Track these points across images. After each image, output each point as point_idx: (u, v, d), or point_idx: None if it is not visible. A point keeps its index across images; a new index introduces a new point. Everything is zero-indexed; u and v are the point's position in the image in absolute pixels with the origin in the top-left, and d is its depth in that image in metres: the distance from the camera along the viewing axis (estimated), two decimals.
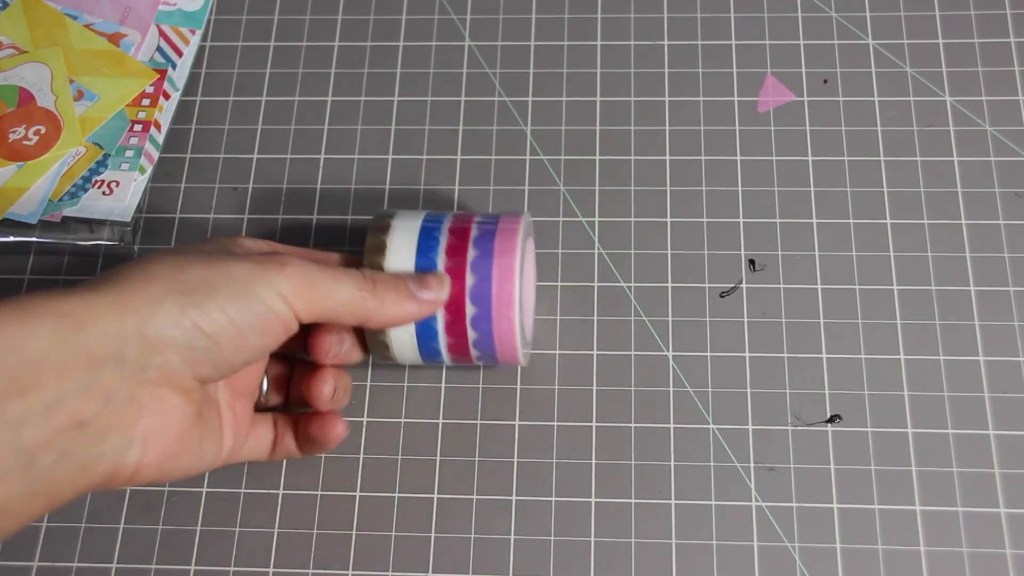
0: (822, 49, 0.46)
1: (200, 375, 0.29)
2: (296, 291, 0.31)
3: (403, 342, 0.36)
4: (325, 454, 0.39)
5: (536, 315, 0.41)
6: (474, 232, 0.36)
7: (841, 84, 0.45)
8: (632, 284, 0.42)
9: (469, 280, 0.35)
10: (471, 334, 0.35)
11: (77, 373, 0.26)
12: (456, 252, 0.35)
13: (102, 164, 0.43)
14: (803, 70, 0.45)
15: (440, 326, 0.35)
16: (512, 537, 0.38)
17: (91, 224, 0.42)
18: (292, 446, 0.37)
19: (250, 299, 0.29)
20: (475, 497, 0.38)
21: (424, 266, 0.35)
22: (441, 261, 0.35)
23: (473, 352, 0.36)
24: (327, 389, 0.35)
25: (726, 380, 0.40)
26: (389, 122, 0.45)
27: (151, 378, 0.28)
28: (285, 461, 0.39)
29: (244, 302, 0.29)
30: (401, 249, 0.35)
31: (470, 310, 0.35)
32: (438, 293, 0.34)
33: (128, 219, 0.42)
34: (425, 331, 0.35)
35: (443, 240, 0.35)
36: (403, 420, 0.40)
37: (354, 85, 0.46)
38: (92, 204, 0.42)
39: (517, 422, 0.40)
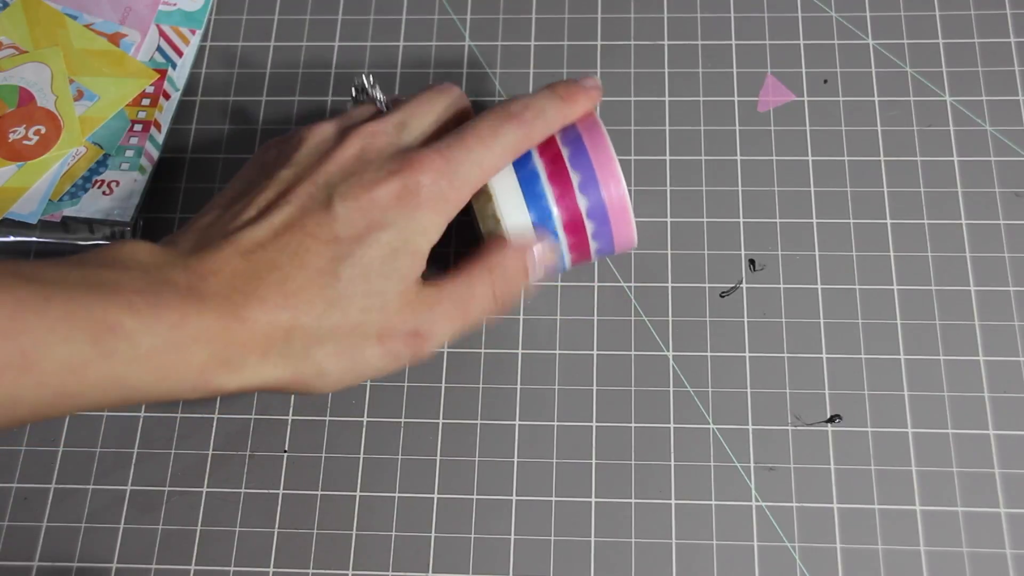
0: (822, 49, 0.46)
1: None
2: (416, 355, 0.33)
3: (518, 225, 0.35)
4: (325, 454, 0.39)
5: (537, 315, 0.41)
6: (566, 152, 0.36)
7: (841, 84, 0.45)
8: (632, 284, 0.42)
9: (575, 179, 0.35)
10: (583, 204, 0.35)
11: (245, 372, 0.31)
12: (559, 178, 0.35)
13: (102, 164, 0.43)
14: (803, 70, 0.45)
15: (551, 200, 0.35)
16: (512, 537, 0.38)
17: (91, 224, 0.42)
18: None
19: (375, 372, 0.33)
20: (475, 497, 0.39)
21: (538, 212, 0.35)
22: (551, 195, 0.35)
23: (589, 226, 0.36)
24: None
25: (726, 380, 0.40)
26: None
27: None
28: (285, 461, 0.39)
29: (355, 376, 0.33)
30: (510, 200, 0.35)
31: (581, 202, 0.35)
32: (552, 265, 0.36)
33: (128, 219, 0.42)
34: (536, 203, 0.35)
35: (543, 176, 0.35)
36: (403, 420, 0.40)
37: None
38: (92, 204, 0.42)
39: (517, 422, 0.40)
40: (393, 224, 0.31)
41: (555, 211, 0.35)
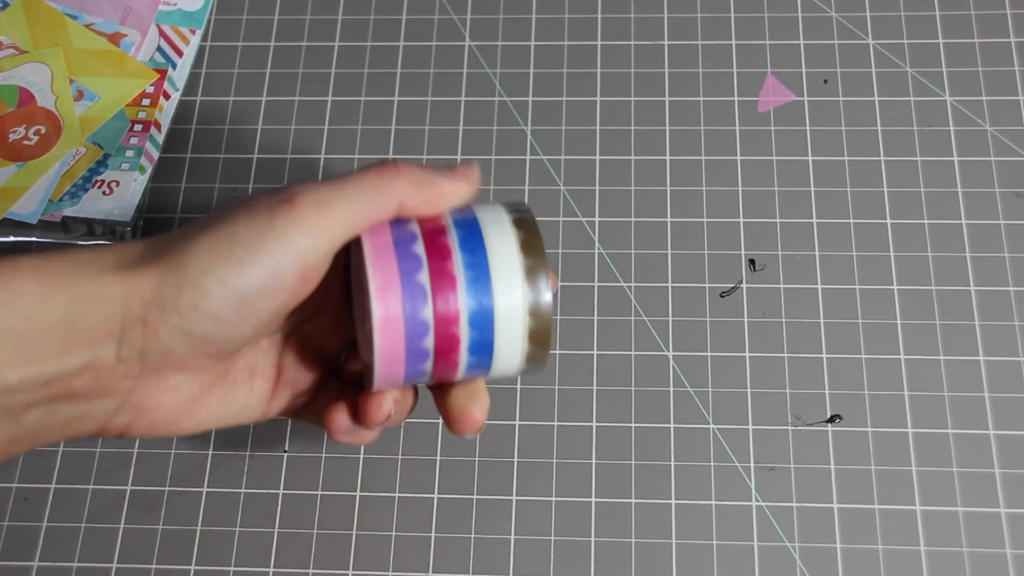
0: (822, 49, 0.46)
1: (206, 354, 0.28)
2: (311, 228, 0.26)
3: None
4: (325, 454, 0.39)
5: None
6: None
7: (841, 84, 0.45)
8: (632, 284, 0.42)
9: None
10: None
11: (78, 350, 0.26)
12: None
13: (102, 164, 0.43)
14: (803, 70, 0.45)
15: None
16: (512, 537, 0.38)
17: (91, 224, 0.42)
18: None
19: (254, 259, 0.26)
20: (475, 497, 0.39)
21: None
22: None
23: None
24: (383, 412, 0.31)
25: (726, 380, 0.40)
26: (389, 122, 0.45)
27: (151, 363, 0.27)
28: (285, 461, 0.39)
29: (248, 266, 0.26)
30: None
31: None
32: (468, 180, 0.29)
33: (128, 219, 0.42)
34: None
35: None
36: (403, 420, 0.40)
37: (354, 85, 0.46)
38: (92, 204, 0.42)
39: (517, 422, 0.40)
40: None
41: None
